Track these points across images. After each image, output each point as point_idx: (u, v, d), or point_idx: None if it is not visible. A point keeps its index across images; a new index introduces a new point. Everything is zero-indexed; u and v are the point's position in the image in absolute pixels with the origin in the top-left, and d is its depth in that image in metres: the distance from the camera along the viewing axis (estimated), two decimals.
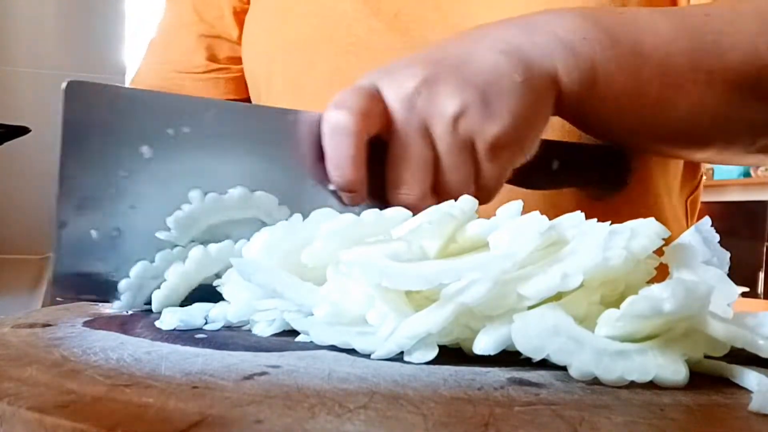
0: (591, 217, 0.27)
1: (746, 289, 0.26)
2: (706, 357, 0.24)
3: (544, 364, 0.23)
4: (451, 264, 0.24)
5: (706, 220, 0.27)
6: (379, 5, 0.51)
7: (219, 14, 0.61)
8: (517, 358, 0.23)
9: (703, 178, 0.60)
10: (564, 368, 0.22)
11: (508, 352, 0.24)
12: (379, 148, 0.35)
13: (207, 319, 0.31)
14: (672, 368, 0.22)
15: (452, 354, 0.25)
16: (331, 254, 0.28)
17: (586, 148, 0.43)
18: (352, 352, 0.25)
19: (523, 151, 0.37)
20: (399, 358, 0.24)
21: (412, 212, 0.30)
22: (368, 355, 0.25)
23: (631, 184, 0.49)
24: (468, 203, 0.28)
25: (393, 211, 0.30)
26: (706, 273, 0.25)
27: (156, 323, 0.30)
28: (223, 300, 0.32)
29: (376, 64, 0.37)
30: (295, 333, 0.28)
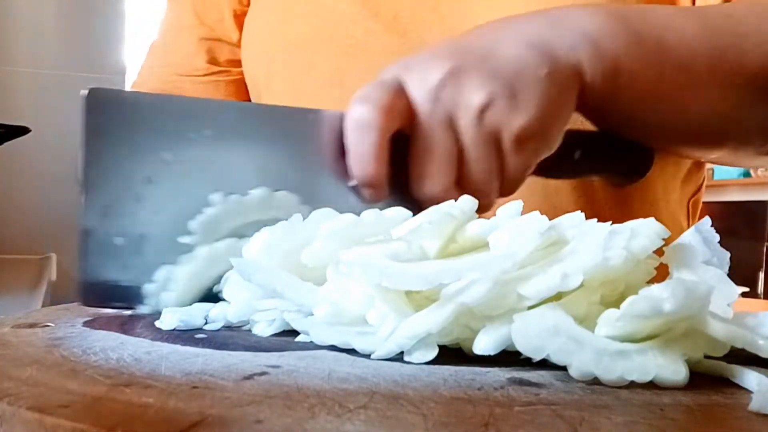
0: (588, 218, 0.27)
1: (746, 289, 0.26)
2: (706, 357, 0.24)
3: (544, 364, 0.23)
4: (451, 264, 0.24)
5: (706, 220, 0.27)
6: (378, 7, 0.51)
7: (219, 17, 0.61)
8: (517, 358, 0.23)
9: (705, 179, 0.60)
10: (564, 368, 0.22)
11: (508, 352, 0.24)
12: (399, 144, 0.35)
13: (207, 319, 0.31)
14: (672, 368, 0.22)
15: (452, 354, 0.25)
16: (331, 254, 0.28)
17: (605, 136, 0.42)
18: (352, 352, 0.25)
19: (548, 144, 0.37)
20: (399, 358, 0.24)
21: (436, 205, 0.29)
22: (368, 355, 0.25)
23: (628, 189, 0.49)
24: (468, 203, 0.28)
25: (393, 211, 0.30)
26: (706, 273, 0.25)
27: (156, 323, 0.30)
28: (223, 300, 0.32)
29: (374, 66, 0.37)
30: (295, 333, 0.28)
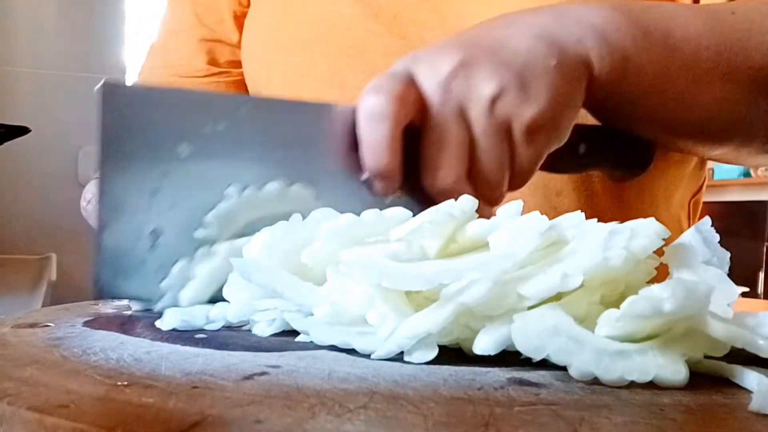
0: (589, 219, 0.27)
1: (746, 289, 0.26)
2: (706, 357, 0.24)
3: (544, 364, 0.23)
4: (451, 264, 0.24)
5: (706, 220, 0.27)
6: (378, 8, 0.51)
7: (219, 18, 0.61)
8: (517, 358, 0.23)
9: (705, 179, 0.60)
10: (564, 368, 0.22)
11: (508, 352, 0.24)
12: (410, 138, 0.35)
13: (207, 319, 0.31)
14: (672, 368, 0.22)
15: (452, 354, 0.25)
16: (331, 254, 0.28)
17: (608, 130, 0.43)
18: (352, 352, 0.25)
19: (559, 135, 0.37)
20: (399, 358, 0.24)
21: (447, 197, 0.29)
22: (368, 355, 0.25)
23: (628, 189, 0.49)
24: (468, 203, 0.28)
25: (393, 211, 0.30)
26: (706, 273, 0.25)
27: (156, 323, 0.30)
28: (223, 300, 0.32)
29: (374, 67, 0.37)
30: (295, 333, 0.28)
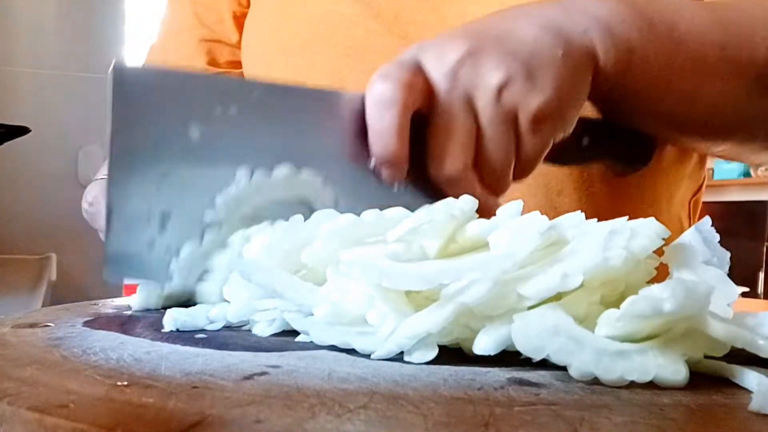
0: (589, 218, 0.27)
1: (746, 289, 0.26)
2: (706, 357, 0.24)
3: (544, 364, 0.23)
4: (451, 264, 0.24)
5: (706, 220, 0.27)
6: (378, 8, 0.51)
7: (219, 18, 0.61)
8: (517, 358, 0.23)
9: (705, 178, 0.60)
10: (564, 368, 0.22)
11: (508, 352, 0.24)
12: (417, 127, 0.35)
13: (207, 319, 0.31)
14: (672, 368, 0.22)
15: (452, 354, 0.25)
16: (331, 254, 0.28)
17: (611, 124, 0.43)
18: (352, 352, 0.25)
19: (564, 125, 0.38)
20: (399, 358, 0.24)
21: (453, 186, 0.29)
22: (368, 355, 0.25)
23: (629, 189, 0.49)
24: (468, 203, 0.28)
25: (393, 211, 0.30)
26: (706, 273, 0.25)
27: (156, 323, 0.30)
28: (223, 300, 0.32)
29: (375, 67, 0.37)
30: (295, 333, 0.28)
